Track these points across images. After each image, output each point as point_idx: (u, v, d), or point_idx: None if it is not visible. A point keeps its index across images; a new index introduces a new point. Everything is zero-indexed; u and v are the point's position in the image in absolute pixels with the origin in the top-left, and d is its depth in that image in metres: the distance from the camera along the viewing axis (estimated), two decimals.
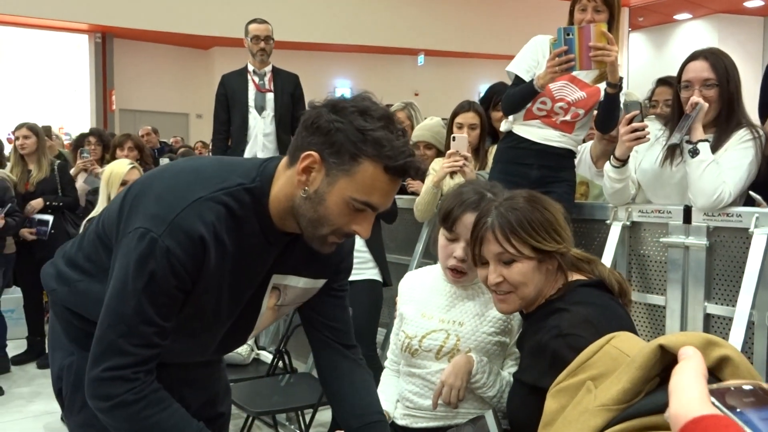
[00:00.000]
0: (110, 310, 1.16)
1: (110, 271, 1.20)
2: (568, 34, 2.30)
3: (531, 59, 2.53)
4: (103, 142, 4.75)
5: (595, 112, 2.57)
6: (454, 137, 2.78)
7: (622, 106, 2.22)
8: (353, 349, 1.46)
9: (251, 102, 4.10)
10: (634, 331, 1.30)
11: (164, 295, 1.15)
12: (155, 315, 1.15)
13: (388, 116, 1.16)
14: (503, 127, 2.64)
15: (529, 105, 2.51)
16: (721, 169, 2.06)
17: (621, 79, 2.35)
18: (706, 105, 2.08)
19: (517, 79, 2.54)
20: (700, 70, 2.16)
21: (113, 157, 4.72)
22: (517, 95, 2.49)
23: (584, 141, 3.20)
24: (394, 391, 1.79)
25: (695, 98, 2.09)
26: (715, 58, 2.17)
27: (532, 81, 2.43)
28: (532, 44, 2.56)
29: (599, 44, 2.27)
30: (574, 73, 2.47)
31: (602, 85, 2.50)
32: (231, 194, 1.19)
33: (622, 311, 1.43)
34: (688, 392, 0.49)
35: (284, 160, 1.23)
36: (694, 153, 2.06)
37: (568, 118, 2.50)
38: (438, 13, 12.99)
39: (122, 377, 1.14)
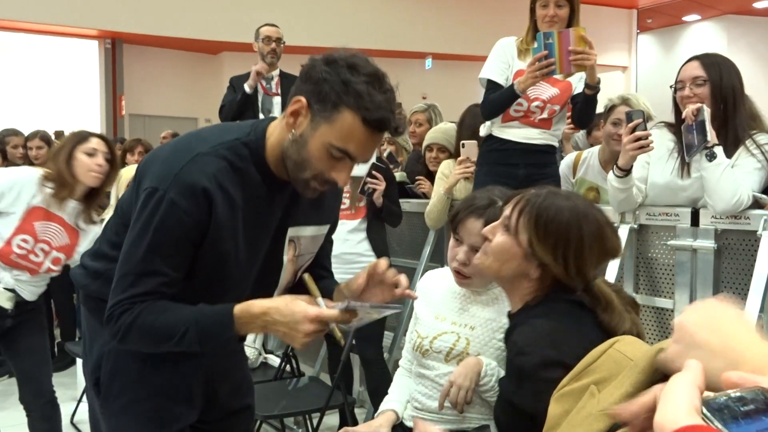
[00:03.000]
0: (122, 261, 1.28)
1: None
2: (548, 39, 2.33)
3: (501, 62, 2.59)
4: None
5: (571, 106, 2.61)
6: (463, 144, 2.80)
7: (624, 114, 2.24)
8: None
9: (259, 105, 4.11)
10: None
11: (172, 245, 1.26)
12: (163, 265, 1.26)
13: (375, 74, 1.25)
14: (482, 131, 2.69)
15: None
16: (736, 174, 2.05)
17: (599, 80, 2.40)
18: (708, 108, 2.06)
19: (491, 84, 2.60)
20: (692, 69, 2.18)
21: (123, 162, 4.76)
22: (497, 100, 2.54)
23: (591, 145, 3.20)
24: (406, 392, 1.80)
25: (692, 107, 2.07)
26: (709, 59, 2.19)
27: (512, 86, 2.48)
28: (498, 47, 2.63)
29: (579, 48, 2.31)
30: None
31: (573, 80, 2.56)
32: (229, 148, 1.29)
33: (596, 335, 1.26)
34: (676, 401, 0.49)
35: (279, 117, 1.34)
36: (711, 157, 2.03)
37: (545, 115, 2.55)
38: (446, 17, 12.99)
39: (122, 310, 1.27)
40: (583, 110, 2.49)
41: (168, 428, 1.43)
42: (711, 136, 2.03)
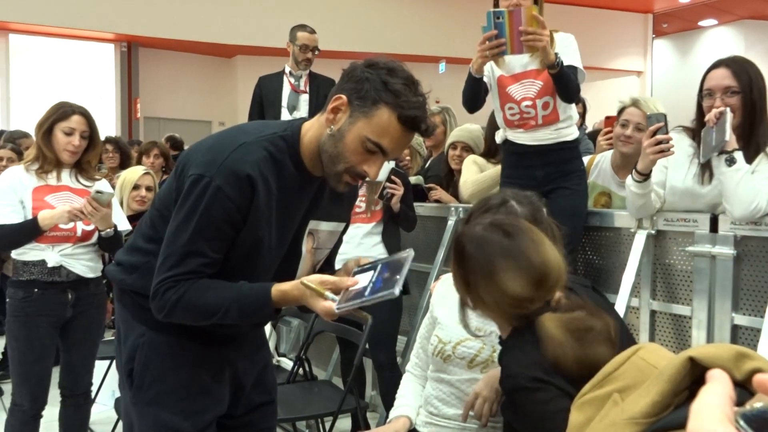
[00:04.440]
0: (167, 242, 1.37)
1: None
2: (498, 18, 2.23)
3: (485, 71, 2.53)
4: (121, 150, 4.79)
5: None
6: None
7: (647, 117, 2.17)
8: None
9: (284, 102, 4.13)
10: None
11: (215, 229, 1.34)
12: (206, 247, 1.35)
13: (411, 79, 1.37)
14: (498, 138, 2.65)
15: (501, 114, 2.53)
16: (756, 180, 2.02)
17: (556, 55, 2.30)
18: (731, 113, 2.03)
19: None
20: (722, 77, 2.12)
21: (139, 164, 4.80)
22: (465, 90, 2.50)
23: (604, 148, 3.16)
24: (417, 398, 1.77)
25: (716, 110, 2.04)
26: (738, 66, 2.13)
27: (469, 72, 2.42)
28: None
29: (530, 29, 2.21)
30: (518, 71, 2.46)
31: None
32: (269, 140, 1.39)
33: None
34: (708, 412, 0.48)
35: (315, 117, 1.45)
36: (731, 162, 2.01)
37: (544, 111, 2.46)
38: (459, 21, 12.98)
39: (166, 287, 1.35)
40: (559, 90, 2.42)
41: (198, 419, 1.47)
42: (731, 138, 2.00)
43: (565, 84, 2.37)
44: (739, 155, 2.01)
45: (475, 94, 2.48)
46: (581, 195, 2.54)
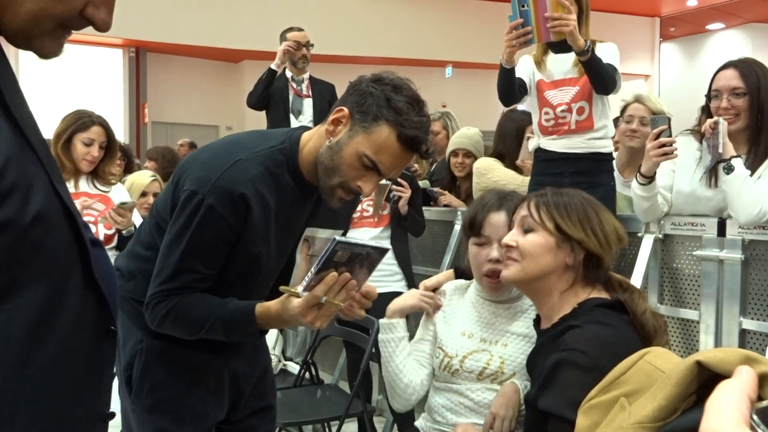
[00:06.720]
0: (161, 257, 1.37)
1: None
2: (523, 6, 2.19)
3: (521, 67, 2.51)
4: (127, 156, 4.81)
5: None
6: (528, 137, 2.81)
7: (650, 120, 2.16)
8: None
9: (289, 105, 4.15)
10: None
11: (208, 247, 1.34)
12: (198, 264, 1.34)
13: (416, 98, 1.35)
14: (531, 146, 2.63)
15: (537, 119, 2.51)
16: (758, 184, 2.01)
17: (586, 42, 2.25)
18: (725, 122, 2.02)
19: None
20: (729, 78, 2.11)
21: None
22: (498, 83, 2.44)
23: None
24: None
25: (710, 120, 2.04)
26: (746, 66, 2.12)
27: (500, 64, 2.39)
28: (519, 64, 2.53)
29: (555, 14, 2.18)
30: (557, 77, 2.44)
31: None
32: (266, 155, 1.37)
33: (637, 340, 1.34)
34: (723, 411, 0.46)
35: (316, 127, 1.44)
36: (729, 170, 2.00)
37: (579, 117, 2.44)
38: (466, 26, 12.98)
39: (157, 301, 1.36)
40: (591, 78, 2.36)
41: (196, 425, 1.47)
42: (725, 149, 2.00)
43: (597, 72, 2.32)
44: (737, 162, 2.00)
45: (508, 86, 2.42)
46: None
